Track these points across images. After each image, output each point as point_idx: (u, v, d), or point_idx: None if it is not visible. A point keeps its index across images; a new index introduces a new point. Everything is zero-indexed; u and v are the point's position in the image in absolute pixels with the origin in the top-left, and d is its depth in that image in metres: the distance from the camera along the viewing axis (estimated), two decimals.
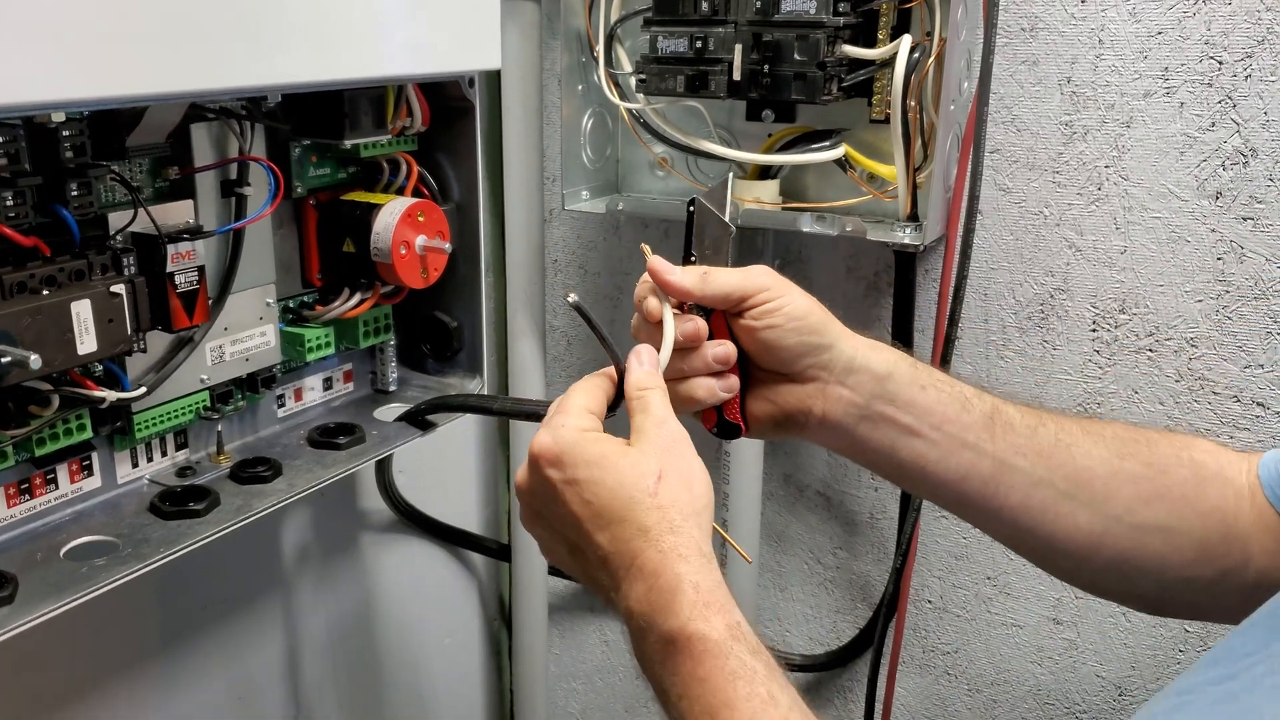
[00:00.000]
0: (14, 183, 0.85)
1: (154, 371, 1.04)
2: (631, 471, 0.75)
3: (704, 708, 0.68)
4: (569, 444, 0.77)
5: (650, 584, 0.72)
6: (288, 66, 0.92)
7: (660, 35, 1.28)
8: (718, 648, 0.69)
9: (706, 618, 0.70)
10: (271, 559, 1.45)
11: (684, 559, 0.73)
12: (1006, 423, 0.91)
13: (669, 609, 0.71)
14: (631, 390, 0.82)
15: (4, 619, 0.86)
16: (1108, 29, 1.22)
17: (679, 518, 0.74)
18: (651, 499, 0.75)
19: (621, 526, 0.75)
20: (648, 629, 0.72)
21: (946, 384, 0.92)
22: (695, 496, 0.77)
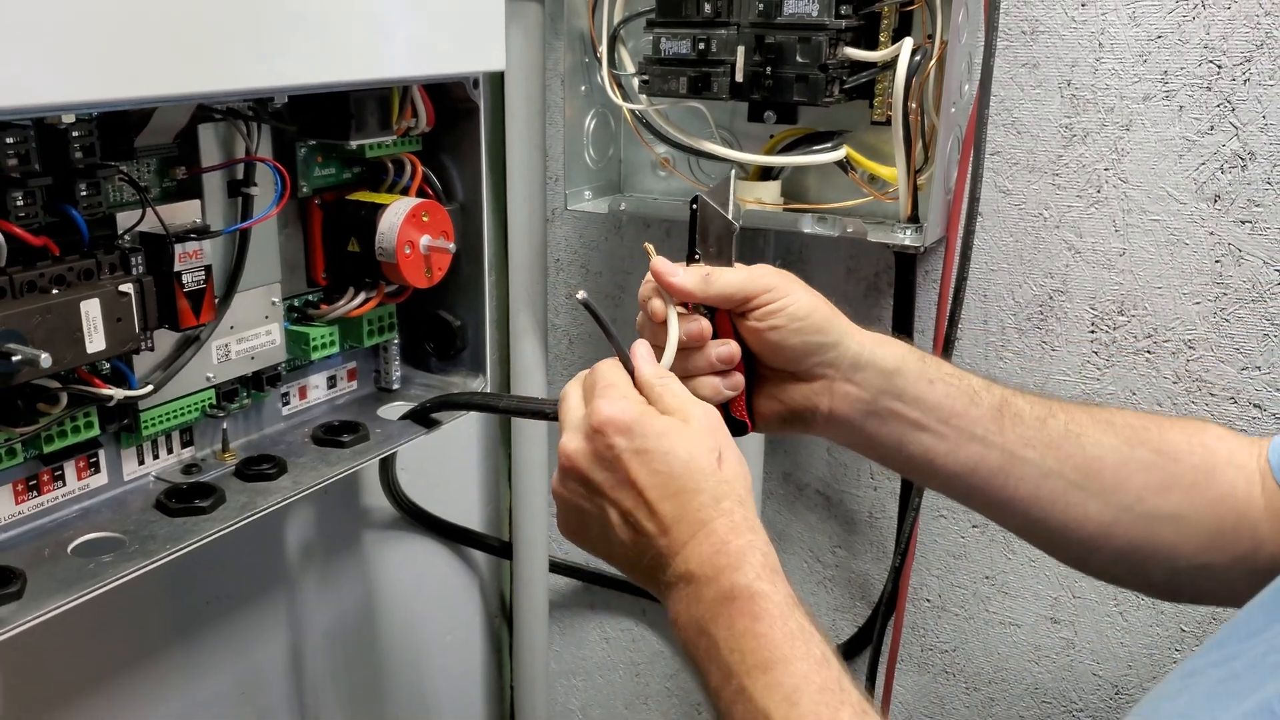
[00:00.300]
0: (24, 183, 0.86)
1: (160, 370, 1.05)
2: (698, 446, 0.78)
3: (757, 661, 0.70)
4: (637, 415, 0.79)
5: (719, 547, 0.74)
6: (294, 68, 0.92)
7: (663, 37, 1.29)
8: (779, 609, 0.72)
9: (773, 581, 0.73)
10: (275, 555, 1.45)
11: (754, 530, 0.76)
12: (1015, 414, 0.91)
13: (736, 567, 0.73)
14: (651, 379, 0.83)
15: (13, 614, 0.86)
16: (1108, 32, 1.23)
17: (743, 491, 0.78)
18: (719, 471, 0.77)
19: (693, 496, 0.76)
20: (707, 584, 0.74)
21: (955, 377, 0.93)
22: (745, 473, 0.80)
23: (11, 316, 0.83)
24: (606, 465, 0.79)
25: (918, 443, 0.92)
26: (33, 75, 0.74)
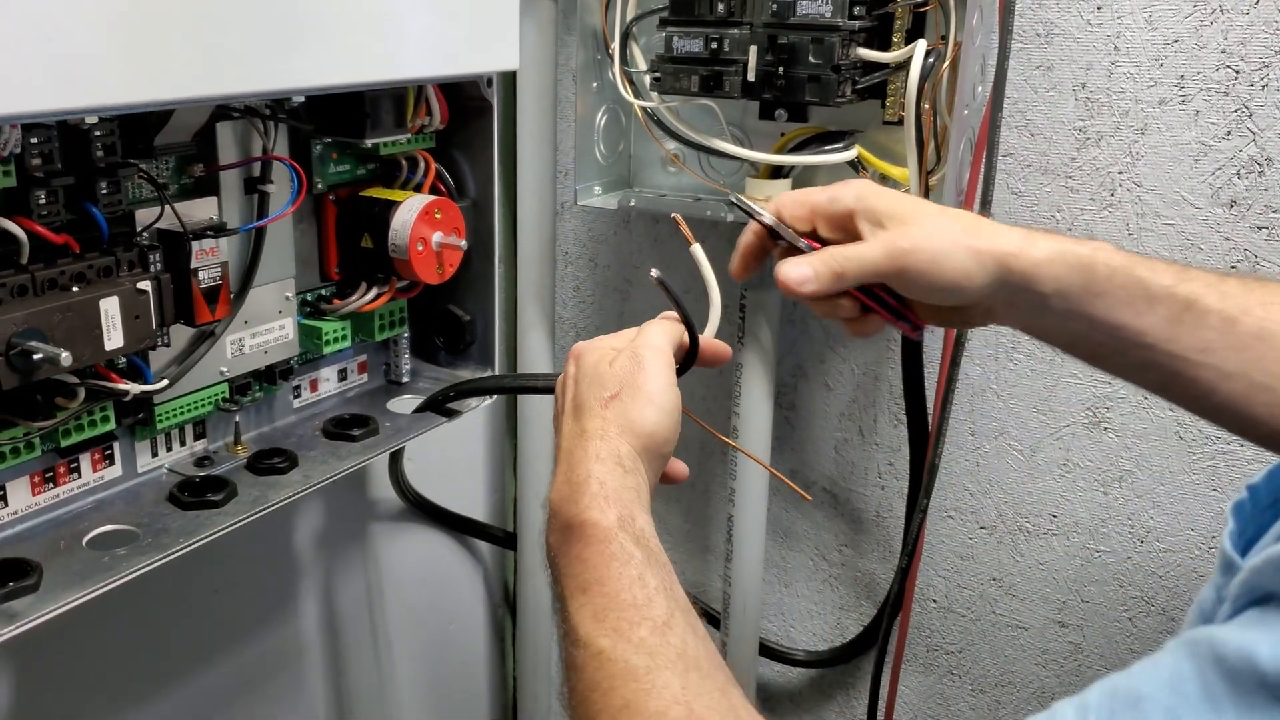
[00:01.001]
0: (47, 182, 0.87)
1: (176, 364, 1.05)
2: (597, 383, 0.86)
3: (579, 584, 0.75)
4: (584, 347, 0.90)
5: (567, 476, 0.81)
6: (313, 70, 0.93)
7: (676, 35, 1.29)
8: (604, 533, 0.76)
9: (602, 509, 0.77)
10: (282, 544, 1.46)
11: (600, 461, 0.81)
12: (1198, 317, 0.84)
13: (573, 499, 0.79)
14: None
15: (30, 607, 0.87)
16: (1123, 36, 1.23)
17: (615, 430, 0.83)
18: (600, 408, 0.84)
19: (577, 422, 0.85)
20: (554, 515, 0.80)
21: (1126, 286, 0.85)
22: (641, 418, 0.83)
23: (33, 315, 0.84)
24: (562, 380, 0.92)
25: (1083, 344, 0.89)
26: (59, 81, 0.75)
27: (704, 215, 1.40)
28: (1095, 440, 1.36)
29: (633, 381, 0.84)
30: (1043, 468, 1.41)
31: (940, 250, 0.86)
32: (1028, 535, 1.44)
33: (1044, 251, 0.85)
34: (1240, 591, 0.59)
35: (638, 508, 0.79)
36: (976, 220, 0.89)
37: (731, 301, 1.55)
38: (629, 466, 0.81)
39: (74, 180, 0.90)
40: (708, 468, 1.69)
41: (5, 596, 0.87)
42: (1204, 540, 1.33)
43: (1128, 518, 1.37)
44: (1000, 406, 1.41)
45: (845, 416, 1.54)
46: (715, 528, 1.70)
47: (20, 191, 0.87)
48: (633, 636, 0.71)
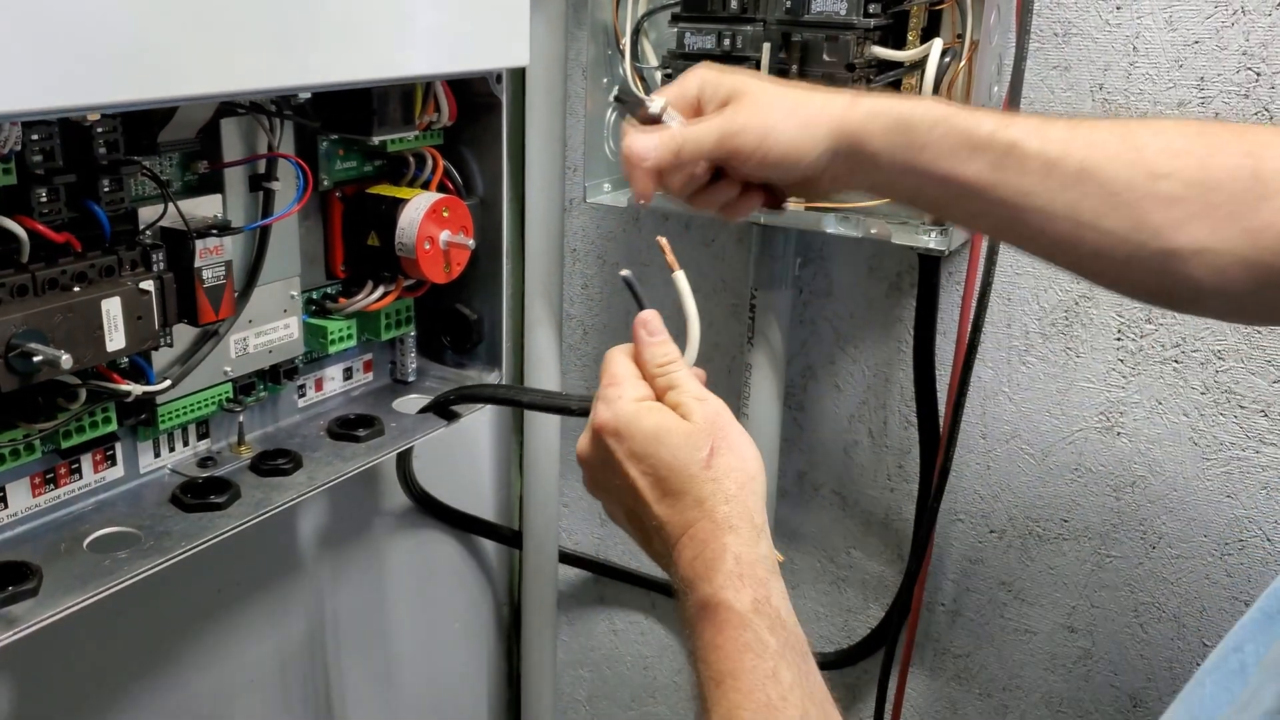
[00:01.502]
0: (48, 179, 0.86)
1: (179, 364, 1.04)
2: (686, 445, 0.77)
3: (713, 674, 0.71)
4: (628, 416, 0.80)
5: (698, 551, 0.75)
6: (320, 67, 0.91)
7: (688, 31, 1.27)
8: (738, 619, 0.72)
9: (737, 589, 0.73)
10: (286, 542, 1.45)
11: (734, 530, 0.75)
12: (1019, 162, 0.85)
13: (707, 577, 0.74)
14: (651, 367, 0.83)
15: (29, 612, 0.86)
16: (1143, 36, 1.21)
17: (734, 487, 0.77)
18: (706, 472, 0.77)
19: (679, 499, 0.77)
20: (688, 592, 0.75)
21: (950, 135, 0.86)
22: (746, 463, 0.79)
23: (33, 316, 0.82)
24: (609, 467, 0.81)
25: (921, 196, 0.91)
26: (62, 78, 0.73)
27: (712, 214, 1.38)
28: (1108, 445, 1.35)
29: (717, 428, 0.79)
30: (1054, 472, 1.39)
31: (769, 125, 0.87)
32: (1038, 540, 1.42)
33: (865, 111, 0.87)
34: None
35: (772, 580, 0.75)
36: (808, 92, 0.90)
37: (741, 301, 1.53)
38: (759, 524, 0.77)
39: (76, 178, 0.88)
40: None
41: (4, 601, 0.86)
42: (1217, 547, 1.32)
43: (1139, 523, 1.36)
44: (1012, 409, 1.40)
45: (855, 418, 1.52)
46: None
47: (21, 189, 0.86)
48: None
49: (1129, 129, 0.86)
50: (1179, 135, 0.85)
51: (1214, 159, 0.83)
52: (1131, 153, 0.84)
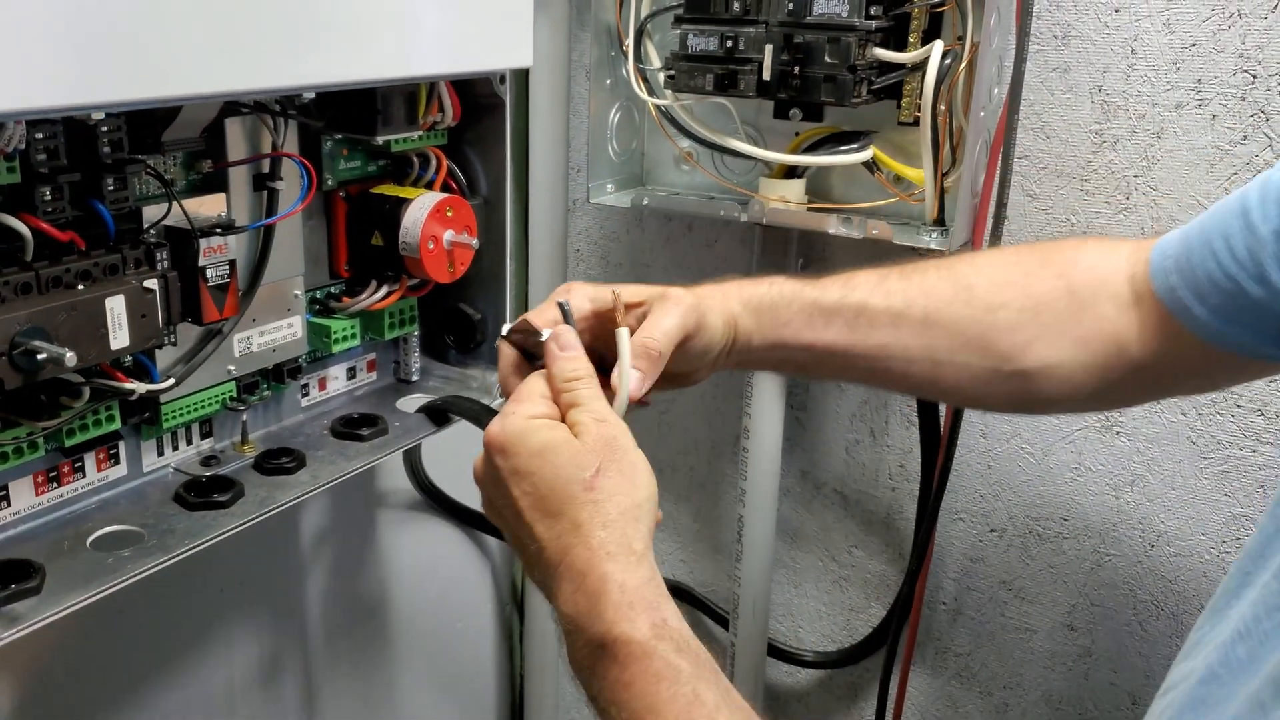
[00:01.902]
0: (52, 178, 0.86)
1: (182, 363, 1.04)
2: (570, 464, 0.75)
3: (630, 714, 0.68)
4: (515, 432, 0.77)
5: (578, 584, 0.72)
6: (326, 67, 0.92)
7: (691, 33, 1.28)
8: (641, 649, 0.69)
9: (631, 619, 0.70)
10: (290, 539, 1.46)
11: (611, 556, 0.72)
12: (870, 319, 0.95)
13: (594, 612, 0.71)
14: (558, 383, 0.81)
15: (31, 610, 0.86)
16: (1141, 39, 1.22)
17: (614, 512, 0.74)
18: (587, 493, 0.74)
19: (557, 520, 0.75)
20: (576, 632, 0.72)
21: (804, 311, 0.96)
22: (635, 489, 0.76)
23: (37, 314, 0.82)
24: (494, 483, 0.79)
25: (790, 363, 0.99)
26: (65, 76, 0.74)
27: (717, 215, 1.39)
28: (1107, 444, 1.35)
29: (609, 450, 0.77)
30: (1054, 471, 1.40)
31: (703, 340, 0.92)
32: (1038, 539, 1.43)
33: (739, 300, 0.96)
34: None
35: (664, 602, 0.72)
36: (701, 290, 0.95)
37: None
38: (640, 551, 0.74)
39: (80, 176, 0.88)
40: (717, 468, 1.68)
41: (7, 599, 0.86)
42: (1215, 545, 1.32)
43: (1139, 522, 1.36)
44: None
45: (856, 418, 1.53)
46: (725, 527, 1.69)
47: (25, 188, 0.86)
48: None
49: (954, 271, 0.97)
50: (999, 268, 0.97)
51: (1033, 285, 0.94)
52: (964, 293, 0.95)
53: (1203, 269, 0.84)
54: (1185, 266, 0.86)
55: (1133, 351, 0.90)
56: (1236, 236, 0.82)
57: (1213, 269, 0.83)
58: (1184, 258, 0.86)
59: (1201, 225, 0.86)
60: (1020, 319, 0.93)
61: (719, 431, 1.67)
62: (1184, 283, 0.86)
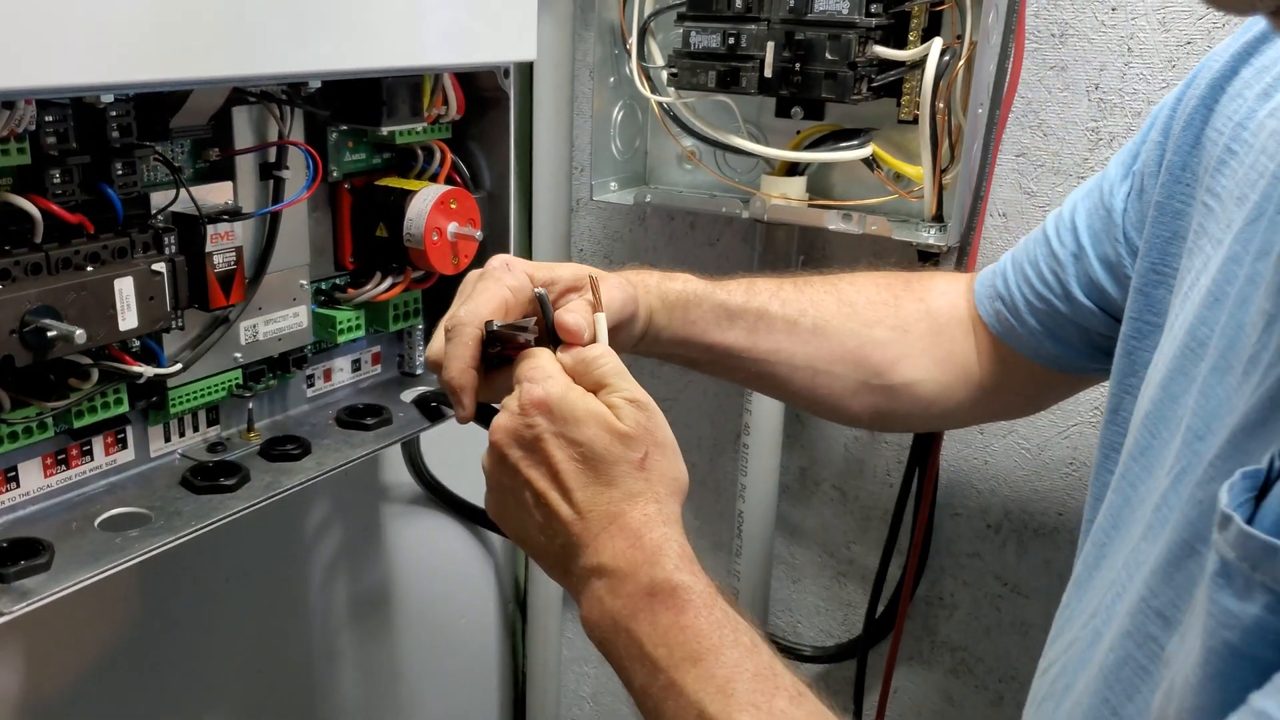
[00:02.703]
0: (62, 161, 0.87)
1: (189, 349, 1.06)
2: (619, 443, 0.77)
3: (686, 654, 0.69)
4: (560, 395, 0.78)
5: (633, 541, 0.74)
6: (329, 54, 0.94)
7: (693, 30, 1.30)
8: (702, 598, 0.71)
9: (694, 572, 0.73)
10: (295, 532, 1.47)
11: (669, 524, 0.76)
12: (769, 322, 1.03)
13: (654, 561, 0.73)
14: (581, 366, 0.82)
15: (41, 586, 0.87)
16: (1137, 37, 1.23)
17: (665, 491, 0.78)
18: (640, 471, 0.77)
19: (607, 489, 0.77)
20: (623, 580, 0.73)
21: (711, 311, 1.02)
22: (679, 474, 0.80)
23: (48, 293, 0.84)
24: (525, 444, 0.79)
25: (694, 360, 1.05)
26: (74, 56, 0.76)
27: (719, 211, 1.40)
28: None
29: (654, 435, 0.79)
30: (1050, 466, 1.41)
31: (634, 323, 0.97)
32: (1034, 534, 1.44)
33: (655, 295, 1.00)
34: None
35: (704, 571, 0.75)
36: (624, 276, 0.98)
37: None
38: (679, 525, 0.77)
39: (89, 160, 0.90)
40: (719, 465, 1.69)
41: (17, 575, 0.87)
42: None
43: None
44: None
45: None
46: (726, 524, 1.70)
47: (35, 169, 0.87)
48: (773, 709, 0.67)
49: (838, 287, 1.08)
50: (874, 289, 1.08)
51: (902, 306, 1.07)
52: (846, 308, 1.06)
53: (1020, 293, 0.98)
54: (1005, 293, 1.00)
55: (976, 374, 1.05)
56: (1042, 262, 0.97)
57: (1027, 292, 0.98)
58: (1003, 286, 1.00)
59: (1014, 255, 1.02)
60: (891, 336, 1.05)
61: (721, 429, 1.68)
62: (1005, 308, 0.99)
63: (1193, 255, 0.77)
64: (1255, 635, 0.51)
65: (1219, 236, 0.73)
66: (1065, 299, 0.95)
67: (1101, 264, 0.92)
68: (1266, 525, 0.52)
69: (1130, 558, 0.71)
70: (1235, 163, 0.74)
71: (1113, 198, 0.91)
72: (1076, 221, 0.94)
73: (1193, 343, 0.70)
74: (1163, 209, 0.82)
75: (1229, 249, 0.70)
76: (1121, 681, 0.66)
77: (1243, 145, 0.74)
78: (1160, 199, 0.82)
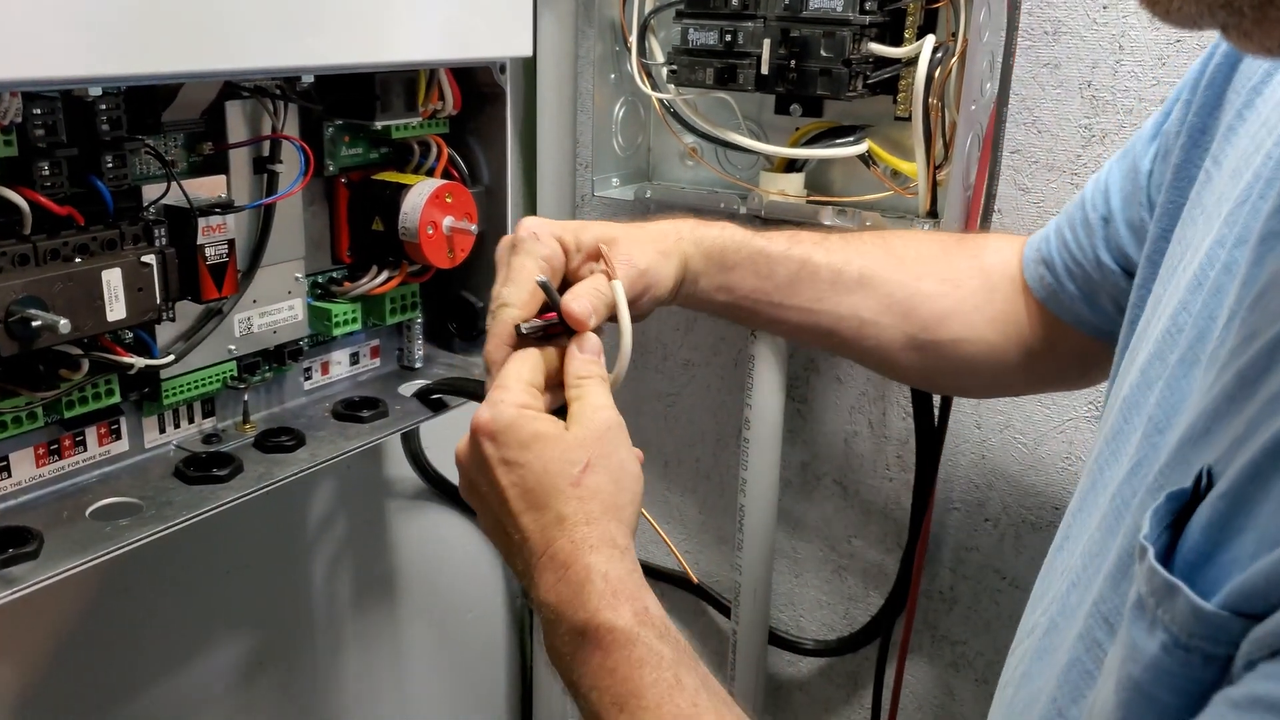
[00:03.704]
0: (50, 153, 0.88)
1: (183, 340, 1.07)
2: (559, 459, 0.76)
3: (613, 698, 0.69)
4: (506, 421, 0.78)
5: (560, 574, 0.73)
6: (321, 48, 0.94)
7: (691, 27, 1.30)
8: (625, 636, 0.70)
9: (614, 606, 0.71)
10: (297, 526, 1.48)
11: (594, 549, 0.73)
12: (811, 274, 1.00)
13: (577, 600, 0.72)
14: (570, 379, 0.82)
15: (28, 573, 0.88)
16: (1128, 35, 1.23)
17: (598, 509, 0.75)
18: (573, 489, 0.76)
19: (542, 513, 0.76)
20: (557, 621, 0.73)
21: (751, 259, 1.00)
22: (620, 490, 0.78)
23: (33, 283, 0.86)
24: (481, 470, 0.79)
25: (734, 309, 1.02)
26: (62, 48, 0.76)
27: (718, 207, 1.41)
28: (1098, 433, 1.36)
29: (600, 445, 0.78)
30: (1047, 460, 1.41)
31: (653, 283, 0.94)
32: (1031, 527, 1.44)
33: (691, 240, 0.98)
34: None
35: (645, 593, 0.73)
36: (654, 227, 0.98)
37: None
38: (623, 546, 0.75)
39: (78, 153, 0.91)
40: (722, 459, 1.70)
41: (4, 563, 0.89)
42: None
43: None
44: (1005, 400, 1.42)
45: (855, 410, 1.55)
46: (730, 518, 1.71)
47: (23, 162, 0.88)
48: None
49: (886, 240, 1.05)
50: (925, 244, 1.06)
51: (954, 261, 1.03)
52: (894, 259, 1.02)
53: (1059, 257, 0.95)
54: (1047, 257, 0.96)
55: (1026, 337, 0.99)
56: (1079, 225, 0.93)
57: (1065, 257, 0.94)
58: (1046, 250, 0.96)
59: (1058, 219, 0.97)
60: (941, 289, 1.01)
61: (724, 424, 1.68)
62: (1048, 272, 0.95)
63: (1186, 227, 0.73)
64: (1153, 674, 0.50)
65: (1212, 211, 0.70)
66: (1096, 265, 0.91)
67: (1128, 228, 0.88)
68: (1183, 555, 0.51)
69: (1087, 547, 0.70)
70: (1242, 130, 0.71)
71: (1141, 159, 0.87)
72: (1110, 184, 0.90)
73: (1173, 327, 0.67)
74: (1179, 173, 0.77)
75: (1217, 231, 0.67)
76: (1070, 683, 0.65)
77: (1252, 112, 0.70)
78: (1179, 161, 0.78)
